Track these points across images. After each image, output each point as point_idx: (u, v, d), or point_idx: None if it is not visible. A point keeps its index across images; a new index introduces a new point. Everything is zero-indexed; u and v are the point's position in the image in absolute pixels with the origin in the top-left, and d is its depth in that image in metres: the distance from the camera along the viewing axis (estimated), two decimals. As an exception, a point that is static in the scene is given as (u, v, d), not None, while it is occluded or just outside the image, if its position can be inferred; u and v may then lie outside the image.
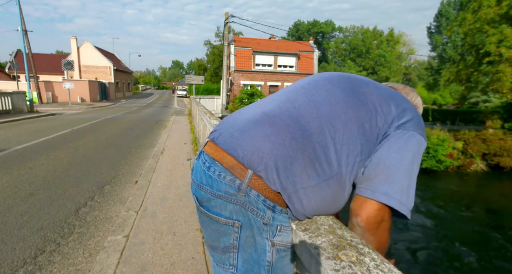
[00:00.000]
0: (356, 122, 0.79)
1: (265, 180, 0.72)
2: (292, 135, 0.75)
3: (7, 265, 2.24)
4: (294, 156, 0.73)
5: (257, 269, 0.75)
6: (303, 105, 0.81)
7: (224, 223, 0.75)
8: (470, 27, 13.70)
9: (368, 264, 0.65)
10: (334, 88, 0.85)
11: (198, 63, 57.36)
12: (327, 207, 0.81)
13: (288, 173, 0.73)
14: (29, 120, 11.26)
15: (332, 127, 0.77)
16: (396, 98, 0.86)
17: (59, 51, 72.31)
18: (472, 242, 6.99)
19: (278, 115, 0.80)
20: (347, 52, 48.67)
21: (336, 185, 0.77)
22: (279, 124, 0.77)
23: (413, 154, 0.77)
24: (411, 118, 0.82)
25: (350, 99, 0.82)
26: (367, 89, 0.86)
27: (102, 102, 25.70)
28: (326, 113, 0.79)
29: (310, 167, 0.74)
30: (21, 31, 16.77)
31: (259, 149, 0.74)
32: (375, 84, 0.92)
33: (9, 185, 3.96)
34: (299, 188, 0.73)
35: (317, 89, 0.86)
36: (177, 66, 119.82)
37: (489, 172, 13.04)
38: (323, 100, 0.82)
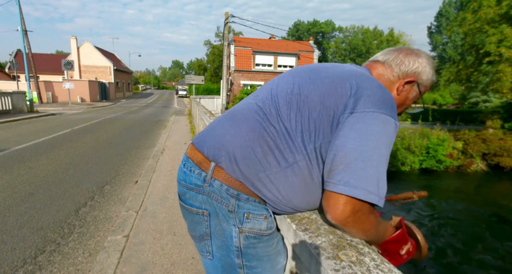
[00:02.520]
0: (310, 108, 0.77)
1: (226, 171, 0.77)
2: (250, 127, 0.80)
3: (7, 265, 2.24)
4: (252, 146, 0.77)
5: (228, 255, 0.80)
6: (263, 99, 0.86)
7: (196, 213, 0.83)
8: (470, 27, 13.69)
9: (368, 264, 0.65)
10: (294, 78, 0.86)
11: (198, 63, 57.35)
12: (303, 197, 0.80)
13: (249, 162, 0.77)
14: (29, 120, 11.26)
15: (287, 116, 0.78)
16: (354, 77, 0.79)
17: (59, 51, 72.30)
18: (472, 242, 6.99)
19: (239, 110, 0.87)
20: (347, 52, 48.68)
21: (302, 171, 0.76)
22: (238, 118, 0.84)
23: (376, 137, 0.69)
24: (370, 97, 0.73)
25: (306, 86, 0.81)
26: (325, 74, 0.83)
27: (102, 102, 25.70)
28: (281, 103, 0.81)
29: (270, 155, 0.76)
30: (21, 31, 16.76)
31: (220, 142, 0.81)
32: (337, 67, 0.87)
33: (9, 185, 3.96)
34: (262, 176, 0.76)
35: (278, 82, 0.90)
36: (177, 66, 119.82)
37: (489, 172, 13.03)
38: (280, 91, 0.84)
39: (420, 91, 0.93)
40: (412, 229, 0.88)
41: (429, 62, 0.92)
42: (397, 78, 0.92)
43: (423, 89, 0.93)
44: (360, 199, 0.67)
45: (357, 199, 0.67)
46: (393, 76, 0.92)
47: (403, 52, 0.93)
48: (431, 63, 0.92)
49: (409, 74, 0.91)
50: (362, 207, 0.69)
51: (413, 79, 0.90)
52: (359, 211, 0.69)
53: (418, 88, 0.92)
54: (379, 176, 0.68)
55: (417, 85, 0.92)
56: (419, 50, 0.95)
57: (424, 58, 0.92)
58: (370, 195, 0.67)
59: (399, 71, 0.91)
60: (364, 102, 0.72)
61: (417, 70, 0.91)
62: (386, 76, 0.92)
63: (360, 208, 0.69)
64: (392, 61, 0.92)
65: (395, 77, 0.92)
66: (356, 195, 0.67)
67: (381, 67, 0.93)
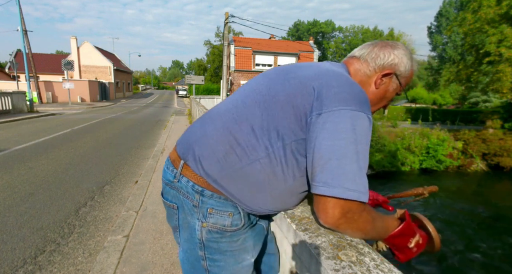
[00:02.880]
0: (277, 108, 0.77)
1: (192, 168, 0.82)
2: (214, 126, 0.84)
3: (7, 265, 2.24)
4: (215, 144, 0.81)
5: (193, 247, 0.85)
6: (231, 101, 0.89)
7: (168, 206, 0.90)
8: (470, 27, 13.70)
9: (368, 264, 0.65)
10: (264, 80, 0.88)
11: (198, 63, 57.36)
12: (268, 195, 0.80)
13: (211, 161, 0.80)
14: (29, 120, 11.26)
15: (252, 114, 0.80)
16: (322, 77, 0.78)
17: (59, 51, 72.30)
18: (472, 242, 6.98)
19: (214, 110, 0.92)
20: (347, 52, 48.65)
21: (264, 169, 0.77)
22: (204, 119, 0.90)
23: (347, 134, 0.69)
24: (336, 95, 0.72)
25: (274, 87, 0.82)
26: (294, 75, 0.82)
27: (102, 102, 25.70)
28: (248, 103, 0.83)
29: (232, 152, 0.79)
30: (21, 31, 16.76)
31: (187, 142, 0.87)
32: (310, 68, 0.85)
33: (9, 185, 3.96)
34: (223, 173, 0.79)
35: (251, 83, 0.92)
36: (177, 66, 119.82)
37: (489, 171, 13.04)
38: (250, 92, 0.87)
39: (401, 83, 0.92)
40: (423, 221, 0.86)
41: (406, 53, 0.91)
42: (374, 72, 0.91)
43: (403, 80, 0.92)
44: (340, 197, 0.67)
45: (344, 200, 0.67)
46: (370, 70, 0.91)
47: (378, 45, 0.93)
48: (408, 53, 0.92)
49: (385, 67, 0.90)
50: (351, 207, 0.68)
51: (390, 71, 0.90)
52: (349, 212, 0.69)
53: (397, 80, 0.91)
54: (356, 172, 0.68)
55: (395, 77, 0.91)
56: (395, 42, 0.94)
57: (400, 50, 0.91)
58: (349, 192, 0.66)
59: (375, 65, 0.91)
60: (330, 101, 0.72)
61: (393, 62, 0.90)
62: (362, 71, 0.92)
63: (350, 208, 0.68)
64: (368, 56, 0.92)
65: (372, 71, 0.91)
66: (335, 194, 0.67)
67: (357, 62, 0.93)
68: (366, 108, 0.73)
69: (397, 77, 0.91)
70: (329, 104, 0.71)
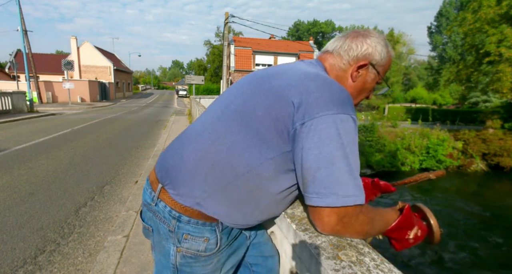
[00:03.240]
0: (256, 122, 0.74)
1: (170, 193, 0.80)
2: (192, 148, 0.81)
3: (7, 265, 2.24)
4: (195, 167, 0.78)
5: (165, 270, 0.84)
6: (207, 118, 0.86)
7: (144, 227, 0.90)
8: (470, 27, 13.70)
9: (368, 264, 0.65)
10: (236, 93, 0.84)
11: (198, 63, 57.34)
12: (255, 210, 0.80)
13: (193, 184, 0.78)
14: (29, 120, 11.26)
15: (230, 132, 0.77)
16: (299, 83, 0.74)
17: (59, 51, 72.27)
18: (472, 241, 6.98)
19: (186, 132, 0.90)
20: (347, 52, 48.59)
21: (249, 185, 0.76)
22: (182, 140, 0.87)
23: (332, 140, 0.66)
24: (317, 100, 0.69)
25: (250, 101, 0.78)
26: (269, 85, 0.78)
27: (102, 102, 25.70)
28: (224, 120, 0.80)
29: (213, 173, 0.76)
30: (21, 31, 16.76)
31: (165, 166, 0.85)
32: (284, 73, 0.81)
33: (9, 185, 3.96)
34: (206, 195, 0.77)
35: (222, 97, 0.89)
36: (177, 66, 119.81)
37: (489, 172, 13.04)
38: (223, 108, 0.83)
39: (379, 71, 0.88)
40: (425, 213, 0.85)
41: (380, 41, 0.87)
42: (349, 65, 0.87)
43: (381, 68, 0.88)
44: (334, 206, 0.66)
45: (338, 207, 0.66)
46: (344, 64, 0.88)
47: (350, 36, 0.89)
48: (382, 41, 0.88)
49: (359, 58, 0.86)
50: (347, 212, 0.67)
51: (365, 62, 0.86)
52: (345, 217, 0.68)
53: (374, 69, 0.87)
54: (347, 176, 0.66)
55: (372, 66, 0.87)
56: (367, 31, 0.90)
57: (373, 38, 0.87)
58: (343, 198, 0.65)
59: (348, 57, 0.87)
60: (311, 108, 0.69)
61: (367, 52, 0.86)
62: (337, 66, 0.88)
63: (346, 213, 0.67)
64: (340, 49, 0.88)
65: (347, 65, 0.87)
66: (329, 204, 0.66)
67: (331, 57, 0.90)
68: (349, 108, 0.71)
69: (374, 66, 0.87)
70: (310, 111, 0.68)
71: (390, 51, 0.89)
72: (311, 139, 0.67)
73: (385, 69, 0.90)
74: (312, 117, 0.68)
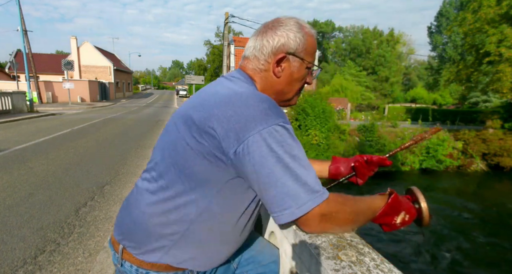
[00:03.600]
0: (190, 164, 0.72)
1: (132, 252, 0.79)
2: (140, 204, 0.80)
3: (7, 265, 2.24)
4: (147, 225, 0.77)
5: None
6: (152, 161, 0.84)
7: None
8: (470, 27, 13.70)
9: (368, 264, 0.65)
10: (169, 137, 0.81)
11: (198, 63, 57.40)
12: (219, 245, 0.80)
13: (150, 240, 0.77)
14: (29, 120, 11.26)
15: (172, 180, 0.75)
16: (215, 110, 0.70)
17: (59, 51, 72.24)
18: (472, 241, 6.98)
19: (135, 186, 0.87)
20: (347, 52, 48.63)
21: (206, 223, 0.75)
22: (131, 196, 0.86)
23: (268, 158, 0.64)
24: (238, 124, 0.66)
25: (180, 143, 0.74)
26: (191, 122, 0.73)
27: (102, 102, 25.70)
28: (163, 167, 0.78)
29: (166, 224, 0.75)
30: (21, 31, 16.77)
31: (120, 227, 0.84)
32: (200, 103, 0.76)
33: (9, 185, 3.96)
34: (167, 249, 0.76)
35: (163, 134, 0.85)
36: (177, 66, 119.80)
37: (489, 172, 13.04)
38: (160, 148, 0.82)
39: (302, 58, 0.83)
40: (417, 196, 0.86)
41: (290, 27, 0.81)
42: (268, 63, 0.83)
43: (303, 54, 0.83)
44: (299, 216, 0.66)
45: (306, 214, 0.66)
46: (263, 64, 0.83)
47: (260, 33, 0.84)
48: (293, 26, 0.82)
49: (275, 52, 0.81)
50: (321, 212, 0.67)
51: (282, 54, 0.81)
52: (325, 214, 0.68)
53: (296, 57, 0.82)
54: (295, 186, 0.65)
55: (292, 55, 0.82)
56: (276, 21, 0.85)
57: (282, 27, 0.82)
58: (297, 210, 0.65)
59: (264, 56, 0.82)
60: (235, 133, 0.66)
61: (280, 43, 0.81)
62: (258, 69, 0.84)
63: (321, 213, 0.67)
64: (254, 50, 0.84)
65: (266, 64, 0.83)
66: (294, 218, 0.66)
67: (249, 62, 0.85)
68: (273, 118, 0.67)
69: (294, 55, 0.82)
70: (236, 137, 0.66)
71: (307, 31, 0.83)
72: (248, 164, 0.66)
73: (309, 52, 0.84)
74: (240, 142, 0.65)
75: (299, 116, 12.00)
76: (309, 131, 11.71)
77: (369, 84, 36.86)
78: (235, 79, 0.82)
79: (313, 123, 11.72)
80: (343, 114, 17.81)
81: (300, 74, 0.85)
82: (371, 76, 39.35)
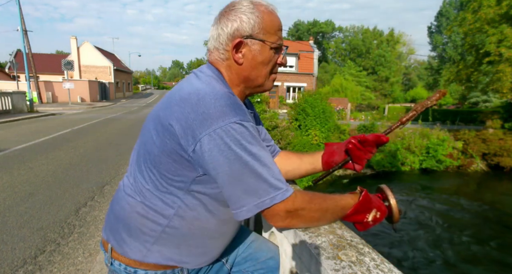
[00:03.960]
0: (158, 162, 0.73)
1: (119, 251, 0.80)
2: (120, 203, 0.82)
3: (7, 265, 2.24)
4: (128, 222, 0.79)
5: None
6: (129, 165, 0.86)
7: None
8: (470, 27, 13.69)
9: (368, 264, 0.65)
10: (141, 136, 0.83)
11: (198, 63, 57.43)
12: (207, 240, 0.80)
13: (134, 238, 0.78)
14: (29, 120, 11.26)
15: (144, 178, 0.77)
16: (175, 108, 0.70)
17: (59, 51, 72.23)
18: (472, 241, 6.99)
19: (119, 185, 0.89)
20: (347, 52, 48.65)
21: (185, 219, 0.76)
22: (115, 195, 0.88)
23: (225, 155, 0.64)
24: (194, 122, 0.65)
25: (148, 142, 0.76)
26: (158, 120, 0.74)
27: (102, 102, 25.70)
28: (136, 166, 0.80)
29: (146, 221, 0.76)
30: (21, 31, 16.78)
31: (107, 225, 0.86)
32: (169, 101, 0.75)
33: (9, 185, 3.96)
34: (150, 245, 0.77)
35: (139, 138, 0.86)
36: (177, 66, 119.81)
37: (489, 172, 13.04)
38: (135, 152, 0.84)
39: (262, 39, 0.77)
40: (387, 194, 0.87)
41: (243, 9, 0.76)
42: (227, 52, 0.79)
43: (261, 35, 0.77)
44: (261, 210, 0.67)
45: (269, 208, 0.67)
46: (223, 53, 0.79)
47: (216, 23, 0.80)
48: (244, 7, 0.77)
49: (230, 39, 0.77)
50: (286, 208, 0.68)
51: (237, 40, 0.76)
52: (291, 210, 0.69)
53: (254, 39, 0.77)
54: (255, 183, 0.65)
55: (250, 39, 0.76)
56: (229, 5, 0.80)
57: (233, 11, 0.77)
58: (260, 203, 0.66)
59: (221, 45, 0.79)
60: (193, 131, 0.65)
61: (233, 29, 0.76)
62: (219, 59, 0.81)
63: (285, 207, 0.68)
64: (213, 41, 0.81)
65: (226, 53, 0.79)
66: (249, 214, 0.67)
67: (211, 54, 0.83)
68: (230, 115, 0.65)
69: (251, 37, 0.76)
70: (193, 135, 0.65)
71: (262, 10, 0.77)
72: (207, 162, 0.66)
73: (269, 31, 0.78)
74: (197, 140, 0.65)
75: (299, 117, 12.01)
76: (309, 131, 11.71)
77: (369, 84, 36.89)
78: (201, 74, 0.79)
79: (313, 123, 11.73)
80: (343, 114, 17.82)
81: (264, 56, 0.79)
82: (371, 76, 39.37)
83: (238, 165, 0.65)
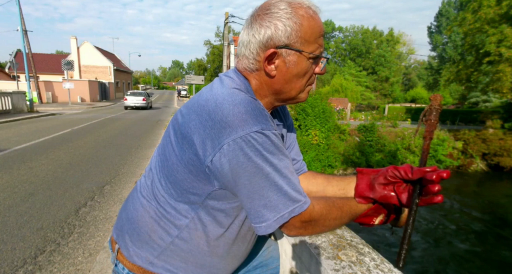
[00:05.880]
0: (175, 172, 0.70)
1: (125, 255, 0.78)
2: (134, 206, 0.80)
3: (7, 265, 2.24)
4: (139, 226, 0.77)
5: None
6: (147, 170, 0.84)
7: None
8: (470, 27, 13.70)
9: (368, 264, 0.65)
10: (161, 145, 0.80)
11: (198, 63, 57.41)
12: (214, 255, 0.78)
13: (141, 243, 0.76)
14: (29, 120, 11.26)
15: (160, 187, 0.75)
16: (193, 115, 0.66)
17: (59, 51, 72.25)
18: (472, 241, 6.98)
19: (135, 186, 0.88)
20: (347, 52, 48.64)
21: (196, 233, 0.74)
22: (129, 196, 0.86)
23: (245, 167, 0.60)
24: (212, 130, 0.61)
25: (167, 150, 0.73)
26: (178, 127, 0.71)
27: (102, 102, 25.70)
28: (155, 172, 0.78)
29: (156, 229, 0.75)
30: (21, 31, 16.77)
31: (117, 225, 0.84)
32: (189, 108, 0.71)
33: (9, 185, 3.96)
34: (157, 253, 0.75)
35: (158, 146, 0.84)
36: (177, 66, 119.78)
37: (489, 171, 13.04)
38: (154, 159, 0.82)
39: (298, 49, 0.67)
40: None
41: (279, 14, 0.66)
42: (258, 62, 0.70)
43: (298, 44, 0.67)
44: (279, 225, 0.64)
45: (287, 223, 0.64)
46: (253, 64, 0.71)
47: (248, 25, 0.70)
48: (281, 11, 0.66)
49: (263, 48, 0.68)
50: (303, 219, 0.65)
51: (272, 50, 0.67)
52: (307, 221, 0.66)
53: (291, 49, 0.67)
54: (275, 197, 0.62)
55: (285, 49, 0.67)
56: (264, 8, 0.69)
57: (268, 16, 0.67)
58: (280, 218, 0.63)
59: (253, 54, 0.70)
60: (211, 140, 0.61)
61: (266, 37, 0.67)
62: (248, 68, 0.72)
63: (301, 218, 0.64)
64: (243, 47, 0.72)
65: (256, 64, 0.70)
66: (269, 230, 0.64)
67: (239, 61, 0.74)
68: (251, 123, 0.60)
69: (288, 47, 0.67)
70: (212, 144, 0.61)
71: (302, 14, 0.67)
72: (226, 174, 0.62)
73: (308, 39, 0.68)
74: (216, 150, 0.60)
75: (299, 117, 12.00)
76: (309, 131, 11.71)
77: (369, 84, 36.89)
78: (227, 78, 0.73)
79: (313, 123, 11.72)
80: (343, 114, 17.82)
81: (300, 68, 0.70)
82: (371, 76, 39.36)
83: (258, 178, 0.61)
